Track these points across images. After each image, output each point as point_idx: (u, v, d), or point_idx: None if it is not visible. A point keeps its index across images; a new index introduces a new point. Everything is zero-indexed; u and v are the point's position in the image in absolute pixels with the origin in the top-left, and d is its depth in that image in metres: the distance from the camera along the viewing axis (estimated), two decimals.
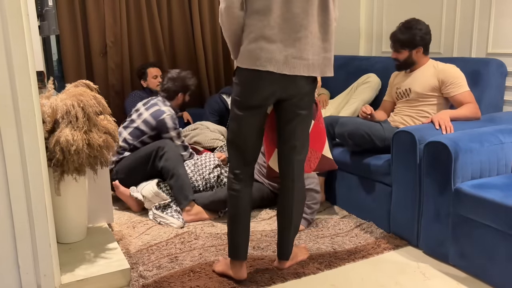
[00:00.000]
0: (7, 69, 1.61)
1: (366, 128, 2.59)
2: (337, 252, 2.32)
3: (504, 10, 2.73)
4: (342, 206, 2.91)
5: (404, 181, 2.37)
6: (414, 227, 2.35)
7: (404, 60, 2.69)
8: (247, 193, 2.01)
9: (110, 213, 2.57)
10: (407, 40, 2.63)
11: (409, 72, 2.74)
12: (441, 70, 2.59)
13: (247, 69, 1.85)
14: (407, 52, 2.66)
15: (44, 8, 2.71)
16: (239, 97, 1.90)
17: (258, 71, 1.82)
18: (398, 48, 2.68)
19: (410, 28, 2.62)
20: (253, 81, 1.85)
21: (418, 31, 2.61)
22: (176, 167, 2.78)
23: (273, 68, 1.81)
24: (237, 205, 2.00)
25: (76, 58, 3.70)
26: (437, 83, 2.58)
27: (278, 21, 1.80)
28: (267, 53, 1.80)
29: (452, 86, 2.53)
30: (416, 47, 2.63)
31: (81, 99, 2.16)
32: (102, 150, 2.18)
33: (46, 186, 1.80)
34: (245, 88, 1.88)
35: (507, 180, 2.10)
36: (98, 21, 3.73)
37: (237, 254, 2.04)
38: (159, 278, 2.08)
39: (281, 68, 1.82)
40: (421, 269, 2.17)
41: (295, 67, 1.83)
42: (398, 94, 2.76)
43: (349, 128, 2.62)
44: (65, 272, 2.00)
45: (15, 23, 1.60)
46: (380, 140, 2.58)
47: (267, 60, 1.81)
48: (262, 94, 1.86)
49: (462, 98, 2.51)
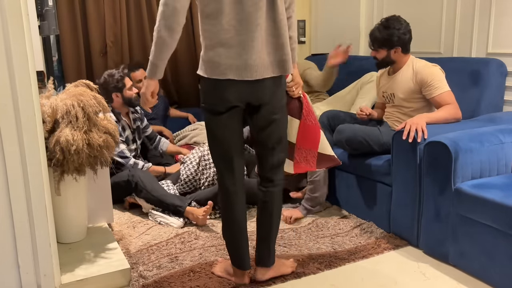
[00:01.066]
0: (7, 69, 1.61)
1: (364, 134, 2.59)
2: (337, 252, 2.32)
3: (504, 10, 2.73)
4: (342, 206, 2.91)
5: (404, 181, 2.37)
6: (414, 227, 2.35)
7: (382, 59, 2.62)
8: (243, 203, 1.96)
9: (110, 213, 2.57)
10: (384, 39, 2.55)
11: (392, 74, 2.66)
12: (418, 71, 2.51)
13: (208, 78, 1.77)
14: (385, 52, 2.58)
15: (44, 8, 2.71)
16: (206, 104, 1.84)
17: (219, 80, 1.75)
18: (376, 47, 2.61)
19: (388, 28, 2.54)
20: (216, 89, 1.78)
21: (396, 30, 2.53)
22: (158, 195, 2.73)
23: (233, 76, 1.74)
24: (235, 220, 1.95)
25: (76, 58, 3.70)
26: (416, 86, 2.51)
27: (232, 23, 1.72)
28: (226, 60, 1.73)
29: (430, 88, 2.45)
30: (393, 47, 2.55)
31: (81, 99, 2.16)
32: (102, 150, 2.18)
33: (46, 186, 1.79)
34: (210, 96, 1.81)
35: (507, 180, 2.10)
36: (98, 21, 3.73)
37: (243, 265, 2.00)
38: (159, 278, 2.08)
39: (242, 74, 1.75)
40: (421, 269, 2.17)
41: (256, 71, 1.76)
42: (386, 98, 2.72)
43: (346, 134, 2.61)
44: (65, 272, 2.00)
45: (15, 23, 1.60)
46: (378, 145, 2.58)
47: (226, 67, 1.73)
48: (229, 100, 1.79)
49: (441, 99, 2.43)
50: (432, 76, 2.46)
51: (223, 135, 1.86)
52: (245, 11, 1.71)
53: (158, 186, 2.80)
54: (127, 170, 2.89)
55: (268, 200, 1.97)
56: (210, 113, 1.84)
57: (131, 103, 3.09)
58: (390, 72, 2.70)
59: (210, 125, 1.87)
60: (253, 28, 1.73)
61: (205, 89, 1.83)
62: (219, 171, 1.93)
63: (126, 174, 2.84)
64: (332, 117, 2.88)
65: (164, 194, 2.75)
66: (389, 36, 2.54)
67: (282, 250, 2.34)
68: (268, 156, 1.94)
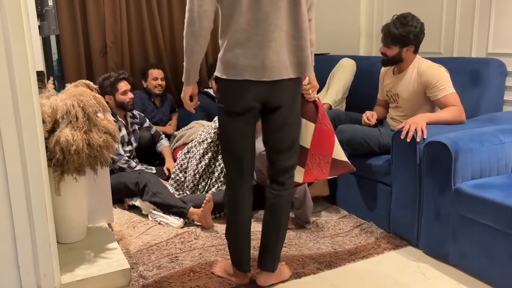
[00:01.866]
0: (7, 69, 1.61)
1: (364, 135, 2.58)
2: (338, 252, 2.32)
3: (504, 10, 2.73)
4: (342, 206, 2.91)
5: (404, 181, 2.37)
6: (414, 227, 2.35)
7: (392, 57, 2.56)
8: (250, 206, 1.94)
9: (110, 213, 2.57)
10: (400, 36, 2.48)
11: (397, 73, 2.64)
12: (423, 73, 2.47)
13: (226, 79, 1.77)
14: (398, 49, 2.52)
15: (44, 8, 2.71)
16: (223, 104, 1.82)
17: (236, 80, 1.74)
18: (389, 43, 2.53)
19: (406, 24, 2.47)
20: (234, 90, 1.77)
21: (413, 28, 2.47)
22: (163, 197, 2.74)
23: (250, 76, 1.73)
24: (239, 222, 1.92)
25: (76, 58, 3.70)
26: (420, 87, 2.49)
27: (250, 23, 1.70)
28: (243, 60, 1.72)
29: (434, 89, 2.43)
30: (407, 45, 2.50)
31: (81, 99, 2.16)
32: (102, 150, 2.18)
33: (46, 186, 1.79)
34: (227, 97, 1.80)
35: (507, 180, 2.10)
36: (98, 21, 3.73)
37: (244, 268, 2.00)
38: (159, 278, 2.08)
39: (259, 75, 1.73)
40: (421, 269, 2.17)
41: (274, 72, 1.74)
42: (390, 97, 2.72)
43: (347, 135, 2.61)
44: (65, 272, 2.00)
45: (15, 23, 1.60)
46: (378, 147, 2.58)
47: (243, 68, 1.72)
48: (246, 101, 1.77)
49: (445, 101, 2.40)
50: (438, 77, 2.43)
51: (236, 137, 1.84)
52: (263, 11, 1.69)
53: (165, 189, 2.82)
54: (136, 173, 2.92)
55: (278, 203, 1.93)
56: (226, 114, 1.83)
57: (124, 107, 3.13)
58: (395, 72, 2.67)
59: (224, 126, 1.86)
60: (271, 28, 1.71)
61: (222, 90, 1.82)
62: (229, 171, 1.92)
63: (135, 176, 2.87)
64: (333, 118, 2.87)
65: (170, 195, 2.77)
66: (406, 34, 2.47)
67: (282, 250, 2.34)
68: (280, 160, 1.91)
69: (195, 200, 2.77)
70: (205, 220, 2.62)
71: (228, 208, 1.95)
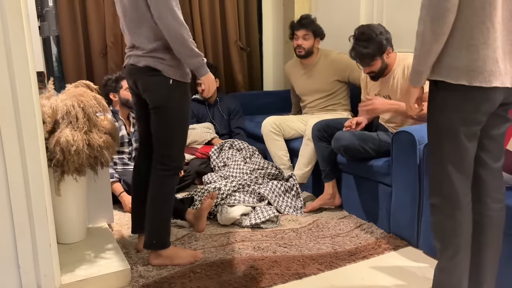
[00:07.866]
0: (7, 69, 1.61)
1: (361, 141, 2.58)
2: (338, 253, 2.32)
3: None
4: (342, 207, 2.91)
5: (404, 181, 2.37)
6: (414, 227, 2.35)
7: (379, 69, 2.57)
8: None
9: (110, 213, 2.57)
10: (374, 50, 2.49)
11: (383, 76, 2.63)
12: (408, 67, 2.45)
13: (460, 85, 1.50)
14: (379, 60, 2.53)
15: (44, 8, 2.72)
16: (449, 122, 1.54)
17: (479, 88, 1.48)
18: (369, 62, 2.53)
19: (371, 39, 2.48)
20: (471, 100, 1.51)
21: (379, 35, 2.49)
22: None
23: (498, 83, 1.48)
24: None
25: (76, 58, 3.69)
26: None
27: (499, 21, 1.47)
28: (490, 65, 1.47)
29: None
30: (384, 51, 2.52)
31: (81, 100, 2.16)
32: (102, 150, 2.18)
33: (46, 186, 1.79)
34: (458, 112, 1.54)
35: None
36: (98, 22, 3.73)
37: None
38: (159, 279, 2.08)
39: (504, 81, 1.50)
40: (421, 270, 2.17)
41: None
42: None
43: (343, 143, 2.60)
44: (65, 272, 2.00)
45: (15, 23, 1.60)
46: (376, 152, 2.58)
47: (491, 73, 1.47)
48: (483, 114, 1.52)
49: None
50: None
51: (469, 159, 1.61)
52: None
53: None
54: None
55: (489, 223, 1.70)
56: (455, 136, 1.59)
57: (128, 105, 3.12)
58: None
59: (454, 151, 1.60)
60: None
61: (449, 102, 1.59)
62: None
63: None
64: (323, 127, 2.83)
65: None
66: (378, 44, 2.49)
67: (283, 251, 2.34)
68: (489, 164, 1.67)
69: None
70: (199, 222, 2.59)
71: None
